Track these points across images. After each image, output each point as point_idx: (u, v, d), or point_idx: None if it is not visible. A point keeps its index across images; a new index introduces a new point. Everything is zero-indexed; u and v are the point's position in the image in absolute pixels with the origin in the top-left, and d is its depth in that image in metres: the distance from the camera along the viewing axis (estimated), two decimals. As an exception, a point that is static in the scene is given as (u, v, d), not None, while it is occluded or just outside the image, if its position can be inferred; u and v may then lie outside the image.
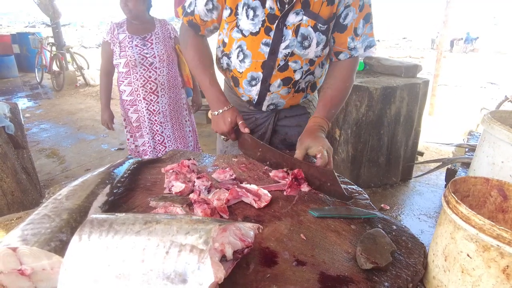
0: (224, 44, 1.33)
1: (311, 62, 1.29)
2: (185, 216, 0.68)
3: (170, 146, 2.65)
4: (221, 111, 1.30)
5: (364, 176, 3.30)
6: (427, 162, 3.15)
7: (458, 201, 0.68)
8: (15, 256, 0.64)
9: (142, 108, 2.52)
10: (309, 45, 1.22)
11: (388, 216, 0.95)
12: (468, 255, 0.66)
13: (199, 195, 0.96)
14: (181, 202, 0.91)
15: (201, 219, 0.67)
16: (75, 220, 0.74)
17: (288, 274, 0.70)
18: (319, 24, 1.20)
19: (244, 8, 1.21)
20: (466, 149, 2.10)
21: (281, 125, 1.48)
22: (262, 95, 1.34)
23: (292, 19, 1.19)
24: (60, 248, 0.65)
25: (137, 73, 2.43)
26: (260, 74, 1.29)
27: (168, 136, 2.64)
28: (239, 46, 1.26)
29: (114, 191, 0.94)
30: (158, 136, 2.61)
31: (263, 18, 1.20)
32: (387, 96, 3.04)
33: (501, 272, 0.62)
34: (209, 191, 1.00)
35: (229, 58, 1.33)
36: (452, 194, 0.71)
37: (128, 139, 2.72)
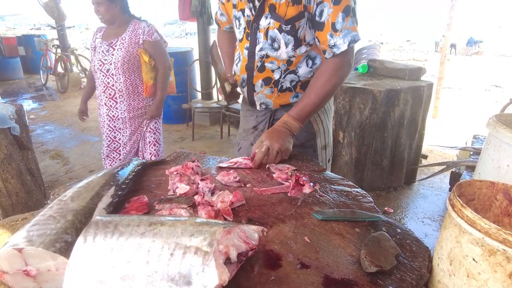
0: None
1: (289, 62, 1.33)
2: (189, 218, 0.68)
3: (124, 154, 2.57)
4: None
5: (368, 179, 3.29)
6: (431, 165, 3.13)
7: (463, 204, 0.68)
8: (20, 257, 0.64)
9: (103, 114, 2.50)
10: (279, 47, 1.30)
11: (392, 219, 0.95)
12: (473, 259, 0.65)
13: (203, 197, 0.96)
14: (185, 203, 0.91)
15: (206, 221, 0.67)
16: (80, 221, 0.75)
17: (292, 277, 0.70)
18: (283, 25, 1.25)
19: (234, 20, 1.42)
20: (471, 152, 2.09)
21: None
22: (250, 95, 1.46)
23: (263, 22, 1.29)
24: (65, 249, 0.65)
25: (98, 78, 2.42)
26: (246, 76, 1.43)
27: (124, 143, 2.56)
28: (238, 53, 1.47)
29: (119, 192, 0.95)
30: (114, 143, 2.55)
31: (244, 26, 1.36)
32: (391, 99, 3.03)
33: (508, 277, 0.61)
34: (213, 193, 1.00)
35: (235, 63, 1.51)
36: (457, 197, 0.71)
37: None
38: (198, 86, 5.40)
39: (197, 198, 0.95)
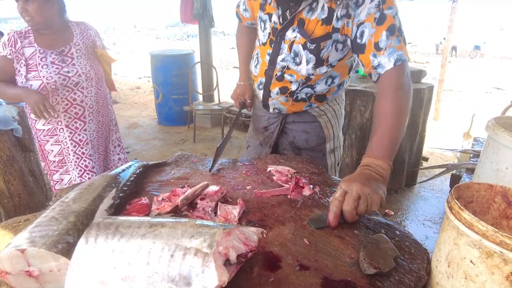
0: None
1: (308, 78, 1.31)
2: (190, 220, 0.69)
3: None
4: (237, 83, 1.67)
5: (368, 181, 3.29)
6: (432, 167, 3.13)
7: (461, 207, 0.68)
8: (23, 258, 0.65)
9: (65, 139, 1.94)
10: (300, 62, 1.28)
11: (393, 221, 0.95)
12: (471, 261, 0.66)
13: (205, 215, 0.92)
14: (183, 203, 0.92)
15: (206, 223, 0.68)
16: (82, 222, 0.76)
17: (292, 279, 0.71)
18: (308, 43, 1.23)
19: (259, 21, 1.39)
20: (471, 155, 2.09)
21: (289, 128, 1.54)
22: (265, 99, 1.47)
23: (289, 34, 1.27)
24: (67, 250, 0.66)
25: (58, 96, 1.86)
26: (263, 80, 1.42)
27: (99, 172, 2.07)
28: (257, 53, 1.45)
29: (120, 194, 0.95)
30: (88, 174, 2.00)
31: (269, 31, 1.33)
32: (392, 101, 3.03)
33: (505, 279, 0.62)
34: (216, 212, 0.94)
35: (253, 62, 1.50)
36: (455, 200, 0.71)
37: (51, 179, 2.06)
38: (200, 88, 5.42)
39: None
